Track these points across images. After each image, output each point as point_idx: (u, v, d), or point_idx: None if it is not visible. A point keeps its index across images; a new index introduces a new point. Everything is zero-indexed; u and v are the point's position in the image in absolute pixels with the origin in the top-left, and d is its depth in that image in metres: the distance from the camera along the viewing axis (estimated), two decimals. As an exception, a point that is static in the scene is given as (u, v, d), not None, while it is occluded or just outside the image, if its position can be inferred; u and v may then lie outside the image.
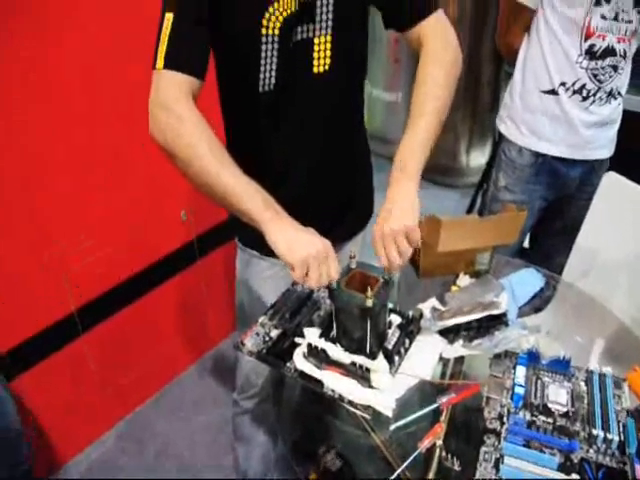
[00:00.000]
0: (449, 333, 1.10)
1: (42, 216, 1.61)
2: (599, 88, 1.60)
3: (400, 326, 1.04)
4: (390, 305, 1.07)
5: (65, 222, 1.68)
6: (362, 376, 0.94)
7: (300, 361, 1.00)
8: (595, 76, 1.59)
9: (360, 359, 0.95)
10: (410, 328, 1.06)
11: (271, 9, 1.04)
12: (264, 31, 1.05)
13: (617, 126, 1.75)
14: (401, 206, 0.99)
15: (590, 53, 1.56)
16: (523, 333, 1.10)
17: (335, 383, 0.95)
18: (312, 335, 1.00)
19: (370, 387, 0.94)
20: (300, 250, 0.93)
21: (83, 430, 1.96)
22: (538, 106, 1.67)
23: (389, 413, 0.91)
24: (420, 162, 1.02)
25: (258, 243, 1.26)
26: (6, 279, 1.57)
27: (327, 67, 1.12)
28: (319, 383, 0.96)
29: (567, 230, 1.81)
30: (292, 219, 0.98)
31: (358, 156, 1.34)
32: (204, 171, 0.96)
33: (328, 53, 1.11)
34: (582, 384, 0.99)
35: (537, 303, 1.30)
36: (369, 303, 0.89)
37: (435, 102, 1.05)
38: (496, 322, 1.13)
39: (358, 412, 0.92)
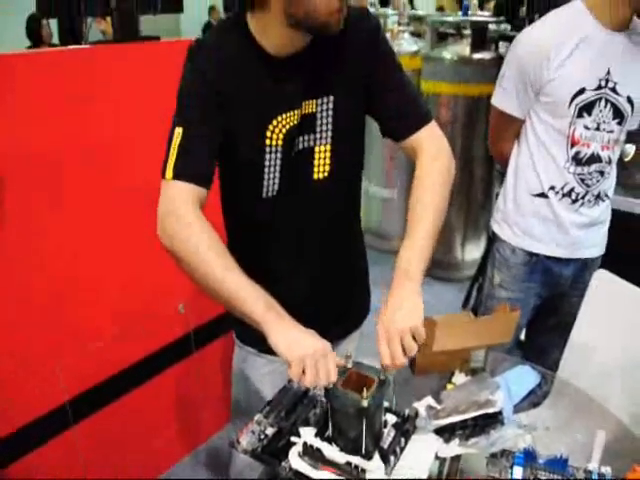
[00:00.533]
0: (445, 432, 1.09)
1: (38, 306, 1.64)
2: (587, 192, 1.68)
3: (396, 425, 1.04)
4: (386, 404, 1.07)
5: (61, 312, 1.70)
6: (358, 477, 0.94)
7: (295, 460, 0.99)
8: (583, 180, 1.66)
9: (356, 459, 0.94)
10: (406, 427, 1.05)
11: (275, 122, 1.12)
12: (268, 142, 1.13)
13: (607, 225, 1.81)
14: (407, 306, 1.02)
15: (576, 159, 1.64)
16: (519, 432, 1.10)
17: (331, 484, 0.94)
18: (308, 434, 1.00)
19: (366, 488, 0.93)
20: (299, 349, 0.96)
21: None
22: (530, 209, 1.73)
23: (385, 516, 0.90)
24: (421, 267, 1.07)
25: (256, 340, 1.29)
26: (3, 370, 1.57)
27: (327, 174, 1.19)
28: (315, 484, 0.95)
29: (561, 326, 1.81)
30: (293, 320, 1.01)
31: (355, 257, 1.39)
32: (209, 275, 1.01)
33: (328, 161, 1.19)
34: (581, 485, 0.98)
35: (533, 400, 1.30)
36: (365, 403, 0.90)
37: (431, 210, 1.11)
38: (492, 420, 1.12)
39: (353, 515, 0.91)
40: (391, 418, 1.06)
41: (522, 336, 2.02)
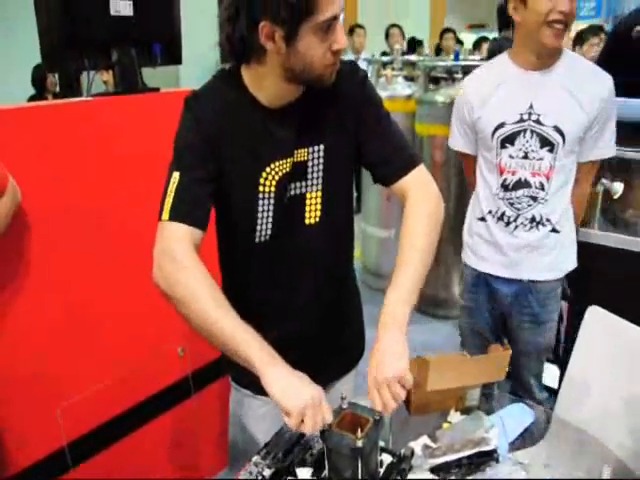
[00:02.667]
0: (441, 470, 1.11)
1: (38, 349, 1.65)
2: (518, 215, 1.84)
3: (391, 465, 1.06)
4: (382, 444, 1.09)
5: (61, 355, 1.71)
6: (354, 517, 0.95)
7: (293, 501, 1.00)
8: (512, 205, 1.85)
9: (351, 499, 0.96)
10: (402, 466, 1.07)
11: (268, 169, 1.17)
12: (261, 189, 1.17)
13: (557, 253, 1.89)
14: (391, 354, 1.05)
15: (504, 186, 1.84)
16: (514, 469, 1.11)
17: (327, 525, 0.95)
18: (304, 475, 1.02)
19: (361, 529, 0.94)
20: (295, 398, 0.98)
21: None
22: (475, 231, 1.96)
23: None
24: (407, 311, 1.09)
25: (251, 382, 1.31)
26: (2, 414, 1.58)
27: (318, 219, 1.23)
28: (311, 525, 0.96)
29: (525, 354, 1.99)
30: (286, 364, 1.03)
31: (348, 299, 1.42)
32: (203, 317, 1.04)
33: (319, 207, 1.23)
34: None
35: (528, 437, 1.31)
36: (359, 444, 0.92)
37: (417, 253, 1.14)
38: (487, 458, 1.14)
39: None
40: (387, 458, 1.07)
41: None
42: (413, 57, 4.23)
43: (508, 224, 1.86)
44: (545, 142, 1.77)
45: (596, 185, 2.16)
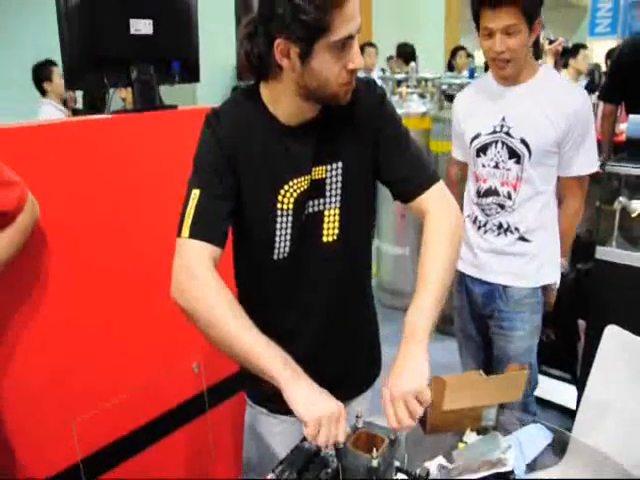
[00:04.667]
0: (457, 492, 1.10)
1: (54, 364, 1.66)
2: (487, 220, 1.97)
3: (407, 485, 1.05)
4: (397, 464, 1.08)
5: (77, 370, 1.72)
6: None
7: (308, 521, 1.00)
8: (483, 210, 1.98)
9: (366, 519, 0.95)
10: (417, 487, 1.06)
11: (287, 187, 1.18)
12: (279, 205, 1.18)
13: (526, 262, 1.94)
14: (411, 369, 1.05)
15: (478, 192, 1.98)
16: (531, 492, 1.10)
17: None
18: (319, 494, 1.01)
19: None
20: (315, 409, 0.98)
21: None
22: None
23: None
24: (427, 327, 1.09)
25: (267, 400, 1.31)
26: (16, 426, 1.59)
27: (335, 237, 1.24)
28: None
29: (496, 360, 2.08)
30: (308, 378, 1.04)
31: (365, 317, 1.42)
32: (224, 333, 1.05)
33: (337, 224, 1.23)
34: None
35: (546, 459, 1.29)
36: (374, 463, 0.92)
37: (438, 271, 1.14)
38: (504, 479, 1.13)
39: None
40: (402, 477, 1.06)
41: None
42: (428, 74, 4.23)
43: (479, 228, 2.00)
44: (513, 153, 1.87)
45: (613, 203, 2.16)
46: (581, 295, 2.57)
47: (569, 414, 2.50)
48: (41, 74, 4.28)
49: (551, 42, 3.86)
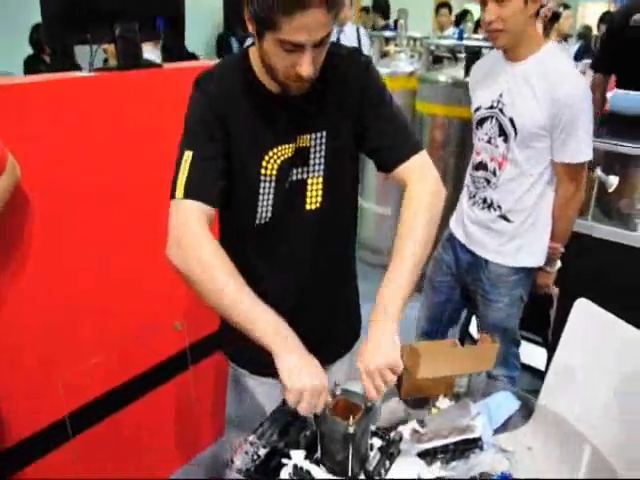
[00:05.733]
0: (427, 455, 1.16)
1: (40, 322, 1.70)
2: (476, 193, 2.03)
3: (381, 449, 1.11)
4: (372, 428, 1.14)
5: (62, 328, 1.76)
6: (344, 498, 1.01)
7: (286, 481, 1.06)
8: (474, 182, 2.04)
9: (342, 481, 1.01)
10: (391, 450, 1.12)
11: (270, 153, 1.20)
12: (263, 171, 1.20)
13: (506, 241, 1.99)
14: (384, 345, 1.08)
15: (473, 164, 2.04)
16: (497, 457, 1.17)
17: (318, 504, 1.01)
18: (298, 456, 1.07)
19: (351, 508, 1.00)
20: (299, 380, 1.02)
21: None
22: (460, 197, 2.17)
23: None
24: (400, 305, 1.12)
25: (248, 362, 1.36)
26: (3, 383, 1.63)
27: (318, 205, 1.26)
28: (303, 503, 1.02)
29: (486, 327, 2.14)
30: (301, 346, 1.07)
31: (346, 283, 1.46)
32: (219, 294, 1.07)
33: (320, 192, 1.26)
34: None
35: (512, 424, 1.37)
36: (351, 430, 0.97)
37: (413, 245, 1.15)
38: (472, 445, 1.19)
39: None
40: (377, 442, 1.13)
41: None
42: (417, 34, 4.18)
43: (470, 198, 2.07)
44: (502, 131, 1.90)
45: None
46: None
47: (539, 375, 2.60)
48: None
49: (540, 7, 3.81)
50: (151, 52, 4.50)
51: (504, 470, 1.13)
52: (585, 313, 1.70)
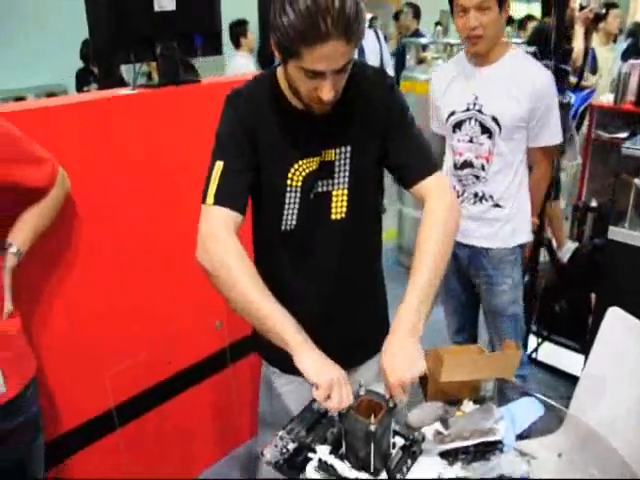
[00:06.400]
0: (449, 455, 1.21)
1: (90, 319, 1.81)
2: (464, 190, 2.15)
3: (403, 447, 1.16)
4: (397, 427, 1.20)
5: (111, 326, 1.87)
6: (365, 492, 1.07)
7: (312, 474, 1.12)
8: (460, 181, 2.15)
9: (364, 475, 1.07)
10: (413, 449, 1.17)
11: (296, 165, 1.28)
12: (289, 182, 1.29)
13: (501, 225, 2.15)
14: (404, 360, 1.12)
15: (455, 165, 2.15)
16: (517, 460, 1.20)
17: (341, 496, 1.07)
18: (323, 451, 1.13)
19: (372, 502, 1.06)
20: (324, 374, 1.09)
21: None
22: None
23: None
24: (420, 318, 1.16)
25: (279, 360, 1.43)
26: (56, 378, 1.75)
27: (344, 215, 1.33)
28: (327, 495, 1.08)
29: (486, 313, 2.34)
30: (317, 348, 1.14)
31: (372, 290, 1.51)
32: (244, 298, 1.14)
33: (345, 203, 1.33)
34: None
35: (539, 431, 1.39)
36: (372, 428, 1.03)
37: (432, 259, 1.20)
38: (492, 448, 1.23)
39: (360, 525, 1.03)
40: (399, 440, 1.18)
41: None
42: (452, 40, 4.18)
43: (458, 197, 2.15)
44: (485, 129, 2.05)
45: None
46: (596, 269, 2.63)
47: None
48: (237, 30, 4.82)
49: (582, 8, 3.73)
50: (247, 58, 4.90)
51: (523, 473, 1.16)
52: (618, 321, 1.70)
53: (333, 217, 1.33)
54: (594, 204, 3.29)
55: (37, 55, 5.22)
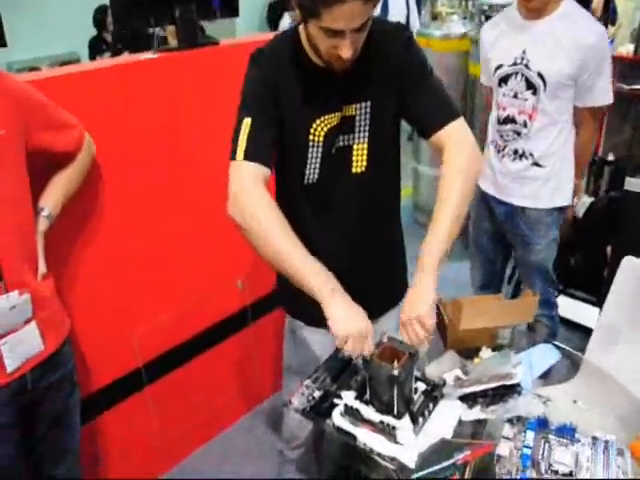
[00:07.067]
0: (468, 399, 1.26)
1: (117, 282, 1.88)
2: (505, 146, 2.15)
3: (425, 392, 1.22)
4: (417, 373, 1.24)
5: (137, 288, 1.94)
6: (389, 433, 1.12)
7: (338, 419, 1.17)
8: (501, 136, 2.15)
9: (388, 419, 1.13)
10: (434, 394, 1.22)
11: (318, 121, 1.31)
12: (311, 137, 1.32)
13: (540, 185, 2.13)
14: (416, 298, 1.19)
15: (498, 119, 2.14)
16: (534, 402, 1.25)
17: (367, 438, 1.13)
18: (349, 397, 1.19)
19: (396, 442, 1.11)
20: (344, 327, 1.14)
21: (138, 474, 2.14)
22: (485, 154, 2.24)
23: (412, 465, 1.08)
24: (437, 260, 1.20)
25: (303, 313, 1.48)
26: (86, 337, 1.82)
27: (364, 168, 1.37)
28: (353, 437, 1.14)
29: (520, 267, 2.42)
30: (347, 295, 1.19)
31: (391, 242, 1.55)
32: (275, 249, 1.18)
33: (365, 157, 1.36)
34: (587, 449, 1.12)
35: (557, 378, 1.44)
36: (395, 372, 1.08)
37: (451, 208, 1.23)
38: (510, 391, 1.27)
39: (385, 463, 1.09)
40: (421, 386, 1.23)
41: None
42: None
43: (499, 152, 2.17)
44: (530, 85, 2.02)
45: None
46: (612, 222, 2.63)
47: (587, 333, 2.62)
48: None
49: None
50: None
51: (540, 414, 1.21)
52: (632, 270, 1.73)
53: (354, 170, 1.36)
54: (611, 158, 3.27)
55: (49, 25, 5.23)
